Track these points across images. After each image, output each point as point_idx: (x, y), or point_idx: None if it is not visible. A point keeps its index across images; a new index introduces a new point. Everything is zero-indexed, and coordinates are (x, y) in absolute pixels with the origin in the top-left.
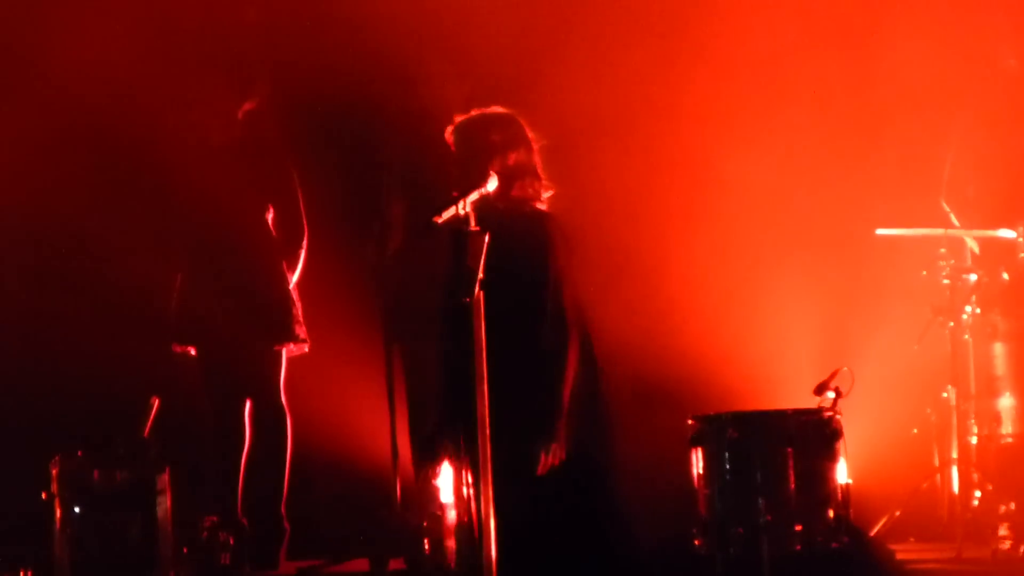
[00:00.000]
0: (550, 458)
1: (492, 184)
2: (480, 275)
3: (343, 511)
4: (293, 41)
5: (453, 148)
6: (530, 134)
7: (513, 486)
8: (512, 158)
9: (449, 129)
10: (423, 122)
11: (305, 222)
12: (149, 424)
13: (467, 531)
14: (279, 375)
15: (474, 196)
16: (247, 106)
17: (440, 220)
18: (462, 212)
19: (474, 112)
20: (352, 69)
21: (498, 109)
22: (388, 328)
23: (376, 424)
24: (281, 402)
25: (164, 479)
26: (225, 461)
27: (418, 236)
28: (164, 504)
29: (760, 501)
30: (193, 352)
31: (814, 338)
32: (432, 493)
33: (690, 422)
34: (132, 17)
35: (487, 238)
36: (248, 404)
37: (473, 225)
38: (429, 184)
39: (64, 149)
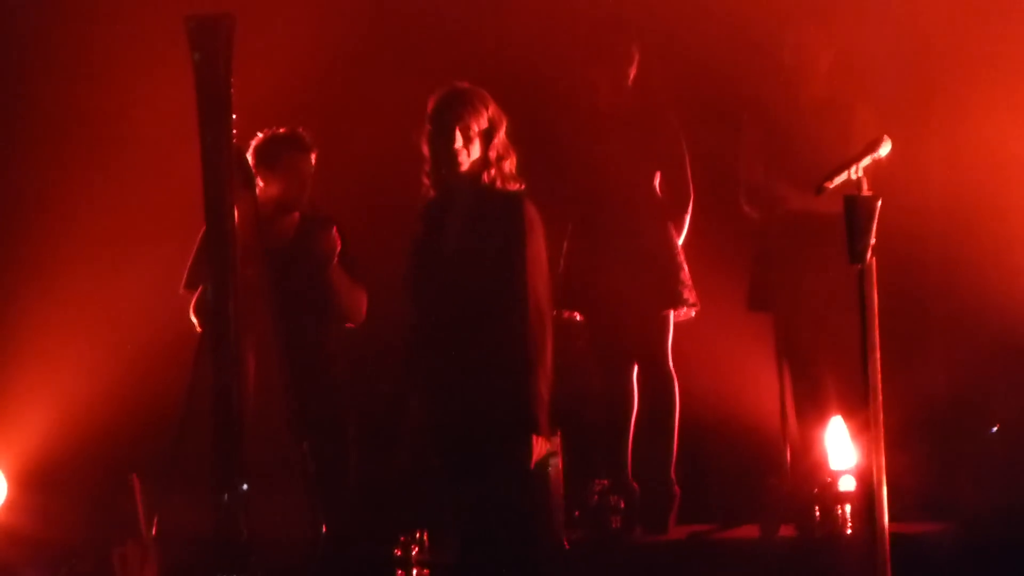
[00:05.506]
0: (537, 450)
1: (885, 149)
2: (872, 241)
3: (732, 476)
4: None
5: (428, 124)
6: (499, 112)
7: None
8: (485, 136)
9: (429, 104)
10: (782, 85)
11: (691, 185)
12: None
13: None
14: (667, 339)
15: (866, 161)
16: (635, 71)
17: (831, 185)
18: (854, 176)
19: (447, 88)
20: (720, 35)
21: (466, 85)
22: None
23: (765, 388)
24: (669, 366)
25: (556, 442)
26: (614, 425)
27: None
28: (556, 467)
29: None
30: (579, 317)
31: None
32: (822, 459)
33: None
34: None
35: (879, 203)
36: (635, 368)
37: (866, 190)
38: (788, 145)
39: None
